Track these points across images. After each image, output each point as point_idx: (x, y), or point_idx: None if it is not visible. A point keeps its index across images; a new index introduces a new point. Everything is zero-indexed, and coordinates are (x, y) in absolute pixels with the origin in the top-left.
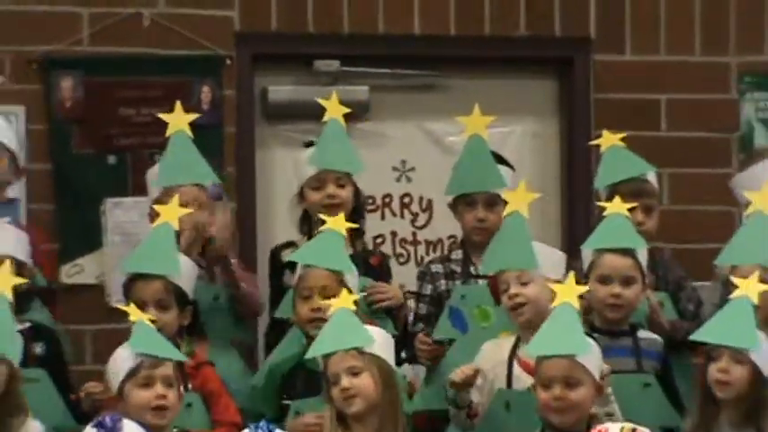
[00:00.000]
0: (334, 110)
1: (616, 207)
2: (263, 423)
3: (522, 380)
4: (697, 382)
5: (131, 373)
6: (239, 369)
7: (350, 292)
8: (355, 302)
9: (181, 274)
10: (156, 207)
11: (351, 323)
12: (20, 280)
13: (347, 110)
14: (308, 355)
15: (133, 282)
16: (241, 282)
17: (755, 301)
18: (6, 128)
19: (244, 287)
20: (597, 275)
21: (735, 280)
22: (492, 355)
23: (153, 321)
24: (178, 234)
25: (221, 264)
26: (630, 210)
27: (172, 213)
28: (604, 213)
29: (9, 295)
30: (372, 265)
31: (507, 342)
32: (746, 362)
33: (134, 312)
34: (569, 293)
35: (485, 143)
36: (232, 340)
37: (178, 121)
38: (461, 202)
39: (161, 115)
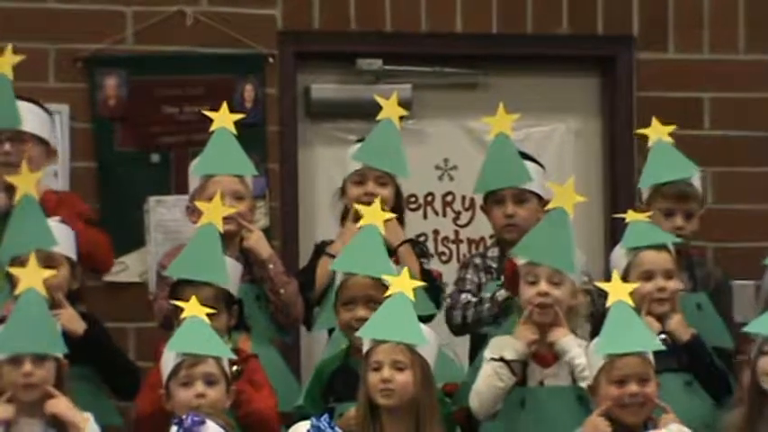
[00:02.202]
0: (392, 110)
1: (634, 215)
2: (325, 416)
3: (537, 374)
4: (747, 377)
5: (173, 373)
6: (281, 368)
7: None
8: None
9: (228, 279)
10: (199, 204)
11: (408, 314)
12: (49, 272)
13: (404, 111)
14: (359, 334)
15: (181, 286)
16: (281, 288)
17: None
18: (33, 114)
19: (284, 294)
20: (639, 273)
21: None
22: (500, 350)
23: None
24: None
25: (262, 267)
26: (670, 214)
27: (216, 213)
28: (626, 221)
29: (43, 291)
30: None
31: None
32: None
33: (190, 308)
34: (621, 292)
35: (510, 140)
36: (272, 341)
37: (223, 119)
38: (490, 201)
39: (206, 112)
